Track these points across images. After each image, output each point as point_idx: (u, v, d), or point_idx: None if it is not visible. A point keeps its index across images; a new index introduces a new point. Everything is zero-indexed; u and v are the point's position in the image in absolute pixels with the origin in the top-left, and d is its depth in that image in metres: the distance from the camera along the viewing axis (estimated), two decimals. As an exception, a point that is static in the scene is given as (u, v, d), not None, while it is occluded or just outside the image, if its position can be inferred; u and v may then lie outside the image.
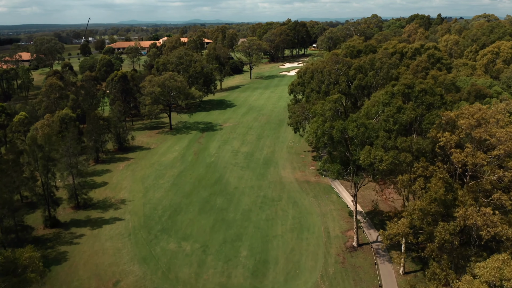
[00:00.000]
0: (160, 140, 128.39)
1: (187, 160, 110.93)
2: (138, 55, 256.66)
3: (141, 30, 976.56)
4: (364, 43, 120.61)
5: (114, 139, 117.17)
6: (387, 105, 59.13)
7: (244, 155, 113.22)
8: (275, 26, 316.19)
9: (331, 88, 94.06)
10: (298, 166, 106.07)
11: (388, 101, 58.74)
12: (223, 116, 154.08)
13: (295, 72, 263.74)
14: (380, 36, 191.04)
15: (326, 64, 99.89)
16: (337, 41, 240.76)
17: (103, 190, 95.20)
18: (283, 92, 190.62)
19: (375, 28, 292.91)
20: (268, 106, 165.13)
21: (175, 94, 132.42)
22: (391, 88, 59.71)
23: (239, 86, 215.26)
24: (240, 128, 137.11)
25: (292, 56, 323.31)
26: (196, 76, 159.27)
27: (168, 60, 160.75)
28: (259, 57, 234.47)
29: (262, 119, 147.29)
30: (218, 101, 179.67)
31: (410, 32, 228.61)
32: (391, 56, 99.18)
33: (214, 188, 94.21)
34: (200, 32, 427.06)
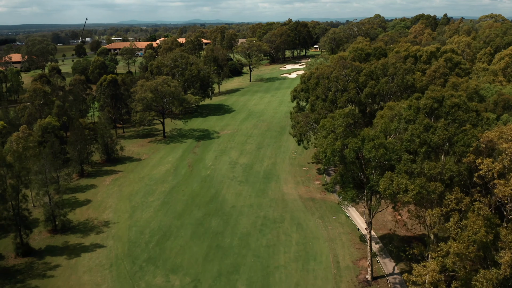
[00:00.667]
0: (152, 150, 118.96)
1: (180, 173, 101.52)
2: (133, 56, 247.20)
3: (140, 30, 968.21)
4: (372, 46, 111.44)
5: (101, 150, 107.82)
6: (411, 121, 49.70)
7: (242, 168, 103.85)
8: (275, 27, 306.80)
9: (338, 96, 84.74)
10: (302, 181, 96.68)
11: (413, 117, 49.28)
12: (220, 122, 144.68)
13: (297, 75, 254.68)
14: (386, 37, 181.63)
15: (333, 69, 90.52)
16: (340, 42, 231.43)
17: (86, 209, 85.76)
18: (285, 96, 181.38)
19: (379, 29, 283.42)
20: (269, 112, 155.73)
21: (168, 100, 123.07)
22: (415, 102, 50.29)
23: (238, 89, 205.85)
24: (239, 136, 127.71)
25: (293, 57, 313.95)
26: (192, 80, 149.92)
27: (162, 63, 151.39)
28: (259, 58, 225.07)
29: (263, 126, 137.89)
30: (215, 106, 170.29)
31: (416, 33, 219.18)
32: (405, 60, 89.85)
33: (209, 207, 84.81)
34: (198, 32, 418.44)
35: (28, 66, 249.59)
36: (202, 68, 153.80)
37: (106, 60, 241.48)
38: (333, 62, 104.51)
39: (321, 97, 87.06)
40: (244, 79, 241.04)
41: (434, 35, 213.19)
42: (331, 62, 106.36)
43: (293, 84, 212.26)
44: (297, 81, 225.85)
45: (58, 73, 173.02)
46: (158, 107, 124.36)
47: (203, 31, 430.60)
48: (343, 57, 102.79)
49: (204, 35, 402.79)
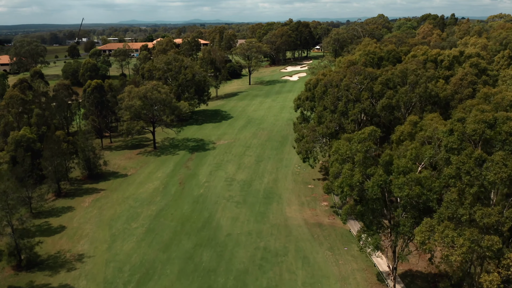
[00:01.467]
0: (140, 163, 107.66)
1: (170, 192, 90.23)
2: (127, 58, 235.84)
3: (139, 30, 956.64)
4: (385, 49, 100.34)
5: (82, 165, 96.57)
6: (454, 151, 38.48)
7: (240, 185, 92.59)
8: (276, 27, 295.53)
9: (350, 107, 73.47)
10: (307, 201, 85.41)
11: (457, 145, 38.09)
12: (217, 131, 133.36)
13: (298, 77, 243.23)
14: (394, 38, 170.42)
15: (343, 76, 79.25)
16: (343, 43, 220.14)
17: (58, 238, 74.50)
18: (286, 101, 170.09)
19: (384, 29, 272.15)
20: (269, 119, 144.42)
21: (159, 107, 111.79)
22: (459, 126, 39.11)
23: (237, 93, 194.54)
24: (237, 147, 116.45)
25: (294, 58, 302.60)
26: (187, 85, 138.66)
27: (154, 66, 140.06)
28: (259, 60, 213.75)
29: (263, 135, 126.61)
30: (212, 112, 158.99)
31: (424, 33, 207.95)
32: (424, 66, 78.67)
33: (200, 236, 73.54)
34: (196, 33, 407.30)
35: (17, 69, 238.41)
36: (197, 71, 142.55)
37: (99, 62, 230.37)
38: (341, 67, 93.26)
39: (329, 108, 75.81)
40: (243, 81, 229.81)
41: (443, 35, 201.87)
42: (338, 67, 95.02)
43: (295, 87, 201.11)
44: (299, 84, 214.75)
45: (41, 77, 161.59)
46: (148, 116, 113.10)
47: (202, 32, 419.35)
48: (353, 62, 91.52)
49: (203, 36, 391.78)
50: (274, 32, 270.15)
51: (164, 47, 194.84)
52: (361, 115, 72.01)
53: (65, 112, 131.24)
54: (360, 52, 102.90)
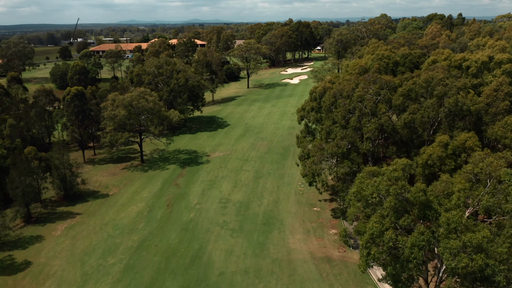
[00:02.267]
0: (125, 180, 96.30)
1: (156, 217, 78.90)
2: (119, 59, 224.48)
3: (137, 30, 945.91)
4: (399, 52, 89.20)
5: (57, 185, 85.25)
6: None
7: (236, 208, 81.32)
8: (275, 27, 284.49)
9: (364, 122, 62.24)
10: (313, 228, 74.14)
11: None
12: (212, 141, 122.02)
13: (299, 80, 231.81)
14: (403, 40, 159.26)
15: (355, 84, 68.06)
16: (347, 45, 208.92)
17: (21, 278, 63.15)
18: (287, 107, 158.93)
19: (388, 29, 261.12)
20: (269, 127, 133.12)
21: (146, 117, 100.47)
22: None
23: (234, 98, 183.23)
24: (233, 161, 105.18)
25: (295, 59, 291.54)
26: (179, 90, 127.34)
27: (144, 70, 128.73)
28: (258, 62, 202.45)
29: (262, 146, 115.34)
30: (207, 119, 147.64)
31: (433, 34, 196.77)
32: (448, 73, 67.45)
33: (188, 275, 62.24)
34: (193, 33, 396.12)
35: (4, 71, 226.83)
36: (191, 76, 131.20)
37: (89, 64, 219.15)
38: (351, 73, 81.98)
39: (339, 123, 64.61)
40: (242, 84, 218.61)
41: (453, 36, 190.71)
42: (346, 72, 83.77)
43: (296, 91, 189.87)
44: (300, 87, 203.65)
45: (19, 83, 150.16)
46: (134, 126, 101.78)
47: (199, 32, 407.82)
48: (365, 68, 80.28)
49: (200, 36, 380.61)
50: (273, 32, 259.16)
51: (156, 48, 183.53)
52: (378, 132, 60.87)
53: (46, 121, 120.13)
54: (371, 56, 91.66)
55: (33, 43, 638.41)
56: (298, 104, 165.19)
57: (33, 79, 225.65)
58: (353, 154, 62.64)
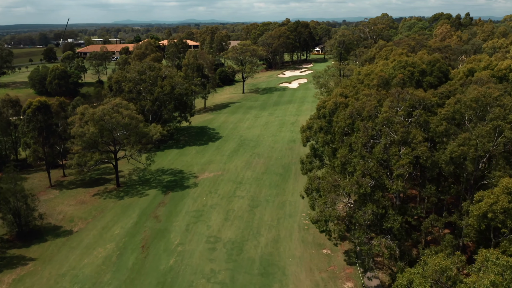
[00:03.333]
0: (94, 210, 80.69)
1: (126, 264, 63.38)
2: (105, 62, 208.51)
3: (132, 30, 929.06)
4: (425, 58, 74.30)
5: (9, 221, 69.66)
6: None
7: (227, 250, 66.03)
8: (272, 27, 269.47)
9: (393, 153, 47.10)
10: (323, 281, 58.91)
11: None
12: (201, 157, 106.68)
13: (298, 84, 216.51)
14: (413, 41, 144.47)
15: (376, 99, 52.97)
16: (349, 46, 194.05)
17: None
18: (286, 115, 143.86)
19: (391, 30, 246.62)
20: (266, 140, 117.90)
21: (122, 134, 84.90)
22: None
23: (228, 105, 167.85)
24: (225, 184, 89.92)
25: (293, 61, 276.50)
26: (164, 100, 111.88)
27: (124, 77, 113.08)
28: (254, 65, 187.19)
29: (258, 164, 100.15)
30: (198, 130, 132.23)
31: (443, 35, 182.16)
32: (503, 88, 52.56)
33: None
34: (186, 33, 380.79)
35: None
36: (178, 83, 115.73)
37: (73, 68, 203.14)
38: (368, 84, 66.77)
39: (359, 152, 49.53)
40: (236, 89, 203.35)
41: (464, 37, 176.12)
42: (364, 86, 68.67)
43: (295, 96, 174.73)
44: (300, 92, 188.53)
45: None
46: (108, 145, 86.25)
47: (193, 32, 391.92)
48: (385, 78, 65.10)
49: (194, 37, 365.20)
50: (270, 33, 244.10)
51: (142, 51, 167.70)
52: (412, 168, 45.83)
53: (11, 135, 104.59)
54: (391, 62, 76.45)
55: (25, 44, 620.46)
56: (298, 112, 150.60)
57: (12, 84, 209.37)
58: (377, 194, 47.51)
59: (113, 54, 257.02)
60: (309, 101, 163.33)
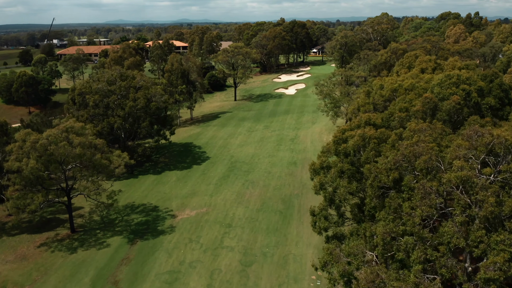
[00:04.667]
0: (36, 271, 60.87)
1: None
2: (81, 66, 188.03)
3: (123, 30, 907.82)
4: (480, 71, 55.62)
5: None
6: None
7: None
8: (267, 27, 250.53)
9: (476, 237, 28.06)
10: None
11: None
12: (182, 187, 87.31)
13: (296, 90, 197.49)
14: (429, 44, 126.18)
15: (432, 138, 34.10)
16: (352, 49, 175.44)
17: None
18: (284, 129, 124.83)
19: (396, 30, 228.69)
20: (262, 162, 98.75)
21: (74, 169, 65.17)
22: None
23: (218, 115, 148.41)
24: (210, 227, 70.60)
25: (289, 64, 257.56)
26: (138, 116, 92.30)
27: (89, 88, 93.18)
28: (247, 70, 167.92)
29: (253, 196, 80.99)
30: (181, 148, 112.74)
31: (457, 36, 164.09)
32: None
33: None
34: (175, 34, 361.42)
35: None
36: (155, 94, 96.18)
37: (45, 73, 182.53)
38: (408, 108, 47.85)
39: (415, 232, 30.55)
40: (228, 95, 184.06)
41: (481, 39, 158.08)
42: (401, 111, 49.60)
43: (293, 105, 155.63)
44: (298, 100, 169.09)
45: None
46: (58, 181, 66.48)
47: (183, 32, 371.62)
48: (431, 99, 46.23)
49: (184, 37, 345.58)
50: (265, 33, 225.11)
51: (120, 54, 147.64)
52: None
53: None
54: (436, 76, 57.49)
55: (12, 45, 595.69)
56: (298, 124, 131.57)
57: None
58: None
59: (91, 56, 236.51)
60: (309, 110, 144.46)
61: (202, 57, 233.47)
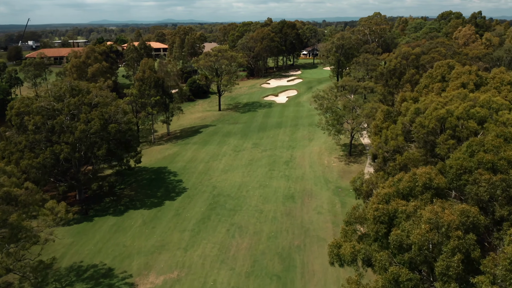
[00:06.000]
0: None
1: None
2: (45, 72, 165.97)
3: (105, 31, 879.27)
4: None
5: None
6: None
7: None
8: (253, 28, 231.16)
9: None
10: None
11: None
12: (149, 235, 67.31)
13: (287, 98, 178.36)
14: (443, 48, 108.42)
15: None
16: (349, 51, 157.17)
17: None
18: (276, 148, 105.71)
19: (395, 31, 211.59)
20: (252, 195, 79.34)
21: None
22: None
23: (199, 130, 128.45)
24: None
25: (278, 67, 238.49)
26: (93, 141, 71.90)
27: (30, 106, 72.46)
28: (232, 76, 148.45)
29: (240, 251, 61.52)
30: (152, 174, 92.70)
31: (467, 38, 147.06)
32: None
33: None
34: (155, 34, 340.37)
35: None
36: (115, 112, 75.89)
37: (3, 80, 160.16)
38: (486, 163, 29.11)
39: None
40: (212, 104, 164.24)
41: (495, 41, 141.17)
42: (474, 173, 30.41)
43: (286, 116, 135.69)
44: (290, 110, 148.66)
45: None
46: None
47: (164, 33, 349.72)
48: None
49: (166, 38, 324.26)
50: (252, 34, 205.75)
51: (83, 60, 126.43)
52: None
53: None
54: (498, 99, 38.91)
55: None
56: (292, 141, 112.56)
57: None
58: None
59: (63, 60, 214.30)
60: (304, 123, 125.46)
61: (183, 60, 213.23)
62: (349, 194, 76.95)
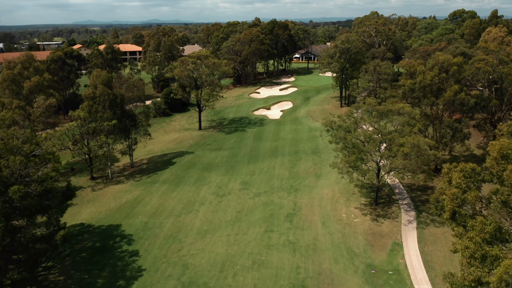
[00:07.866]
0: None
1: None
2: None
3: (86, 32, 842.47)
4: None
5: None
6: None
7: None
8: (240, 28, 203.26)
9: None
10: None
11: None
12: None
13: (282, 112, 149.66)
14: (490, 55, 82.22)
15: None
16: (356, 57, 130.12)
17: None
18: (273, 190, 77.56)
19: (403, 32, 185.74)
20: (240, 286, 51.32)
21: None
22: None
23: (172, 160, 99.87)
24: None
25: (268, 73, 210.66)
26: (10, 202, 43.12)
27: None
28: (215, 88, 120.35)
29: None
30: (96, 241, 64.05)
31: (499, 41, 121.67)
32: None
33: None
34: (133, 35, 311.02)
35: None
36: (19, 166, 47.15)
37: None
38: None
39: None
40: (191, 120, 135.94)
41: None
42: None
43: (282, 138, 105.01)
44: (287, 129, 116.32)
45: None
46: None
47: (142, 34, 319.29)
48: None
49: (143, 40, 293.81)
50: (239, 36, 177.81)
51: (19, 71, 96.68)
52: None
53: None
54: None
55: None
56: (294, 178, 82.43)
57: None
58: None
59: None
60: (306, 150, 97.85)
61: (159, 66, 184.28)
62: (390, 279, 50.09)
